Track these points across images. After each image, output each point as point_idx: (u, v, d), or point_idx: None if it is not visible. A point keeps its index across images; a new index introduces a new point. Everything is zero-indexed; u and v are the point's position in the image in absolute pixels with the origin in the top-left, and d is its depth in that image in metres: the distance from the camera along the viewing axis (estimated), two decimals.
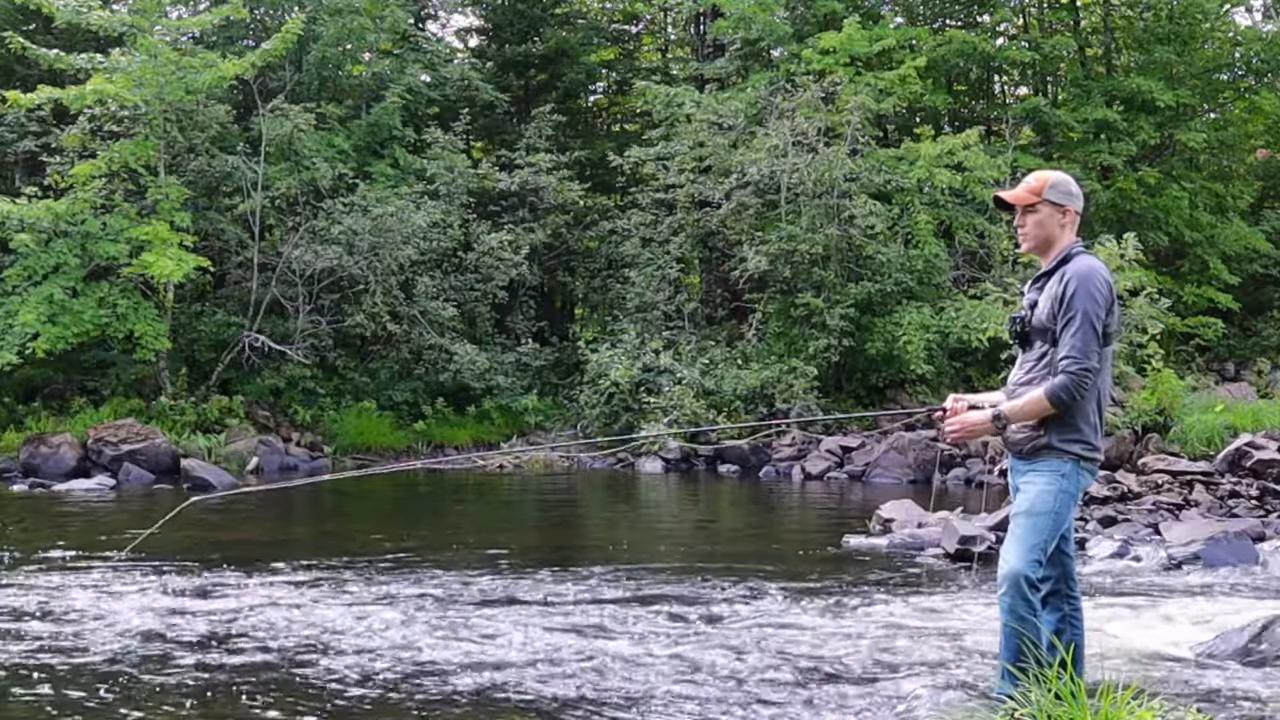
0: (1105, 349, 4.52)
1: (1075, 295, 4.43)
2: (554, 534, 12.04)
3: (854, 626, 6.88)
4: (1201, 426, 14.24)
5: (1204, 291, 22.52)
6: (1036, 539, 4.51)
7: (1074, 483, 4.54)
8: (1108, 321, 4.46)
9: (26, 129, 19.54)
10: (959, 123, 24.43)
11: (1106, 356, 4.57)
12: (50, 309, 17.29)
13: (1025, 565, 4.48)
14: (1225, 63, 25.12)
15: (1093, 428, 4.53)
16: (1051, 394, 4.43)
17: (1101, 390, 4.56)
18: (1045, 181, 4.66)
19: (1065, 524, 4.58)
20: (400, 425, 20.39)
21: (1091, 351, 4.39)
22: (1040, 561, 4.52)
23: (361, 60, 23.77)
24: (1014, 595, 4.47)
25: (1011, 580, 4.47)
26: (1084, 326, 4.39)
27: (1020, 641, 4.44)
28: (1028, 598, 4.47)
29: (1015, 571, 4.47)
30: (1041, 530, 4.52)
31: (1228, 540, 9.35)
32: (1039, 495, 4.55)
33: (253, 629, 6.74)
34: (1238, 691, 5.39)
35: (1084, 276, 4.45)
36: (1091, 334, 4.39)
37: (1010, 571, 4.49)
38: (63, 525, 11.73)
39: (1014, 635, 4.47)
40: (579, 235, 24.16)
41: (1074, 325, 4.41)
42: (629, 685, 5.57)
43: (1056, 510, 4.52)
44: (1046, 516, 4.52)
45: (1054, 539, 4.55)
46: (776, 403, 19.03)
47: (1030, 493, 4.57)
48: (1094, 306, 4.40)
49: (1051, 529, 4.52)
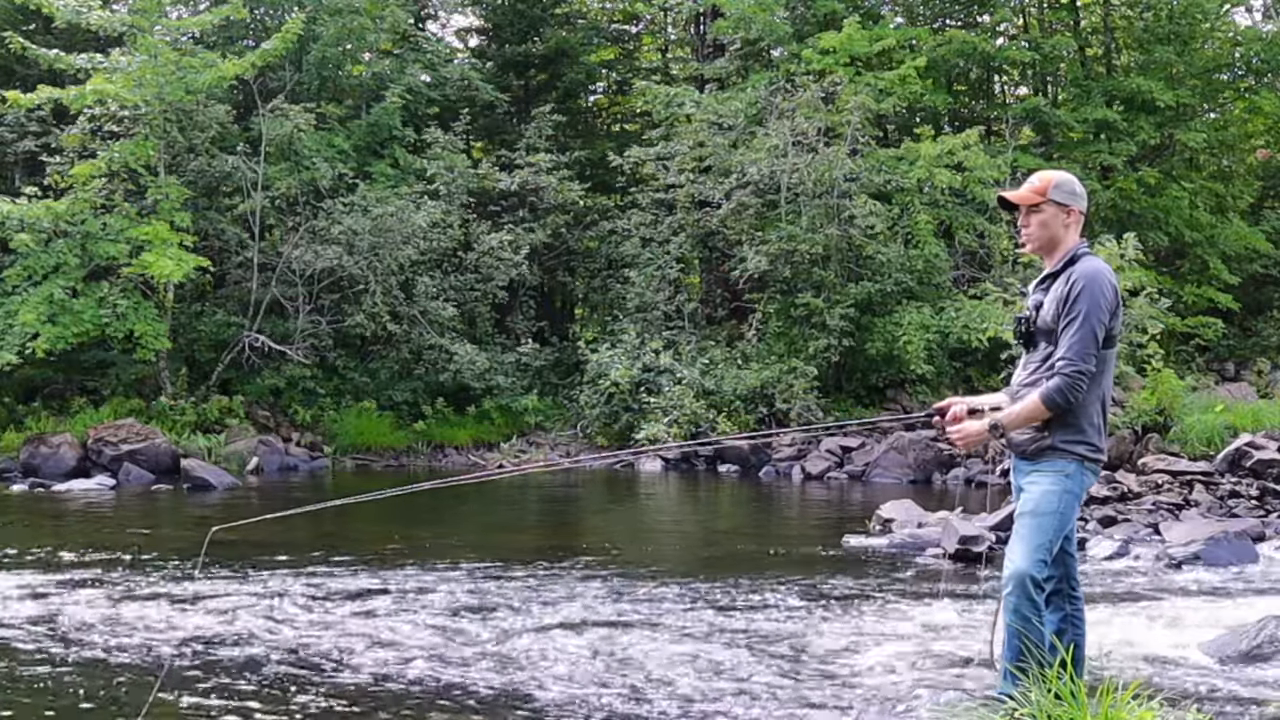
0: (1108, 351, 4.52)
1: (1079, 297, 4.42)
2: (554, 534, 12.03)
3: (854, 626, 6.88)
4: (1201, 426, 14.23)
5: (1204, 291, 22.52)
6: (1042, 539, 4.51)
7: (1078, 483, 4.54)
8: (1111, 325, 4.46)
9: (26, 129, 19.54)
10: (959, 123, 24.42)
11: (1109, 359, 4.57)
12: (50, 309, 17.29)
13: (1030, 565, 4.48)
14: (1225, 63, 25.11)
15: (1095, 428, 4.54)
16: (1046, 398, 4.45)
17: (1105, 391, 4.57)
18: (1050, 181, 4.65)
19: (1070, 524, 4.59)
20: (400, 425, 20.38)
21: (1089, 354, 4.39)
22: (1045, 561, 4.51)
23: (361, 60, 23.76)
24: (1019, 595, 4.46)
25: (1017, 580, 4.47)
26: (1084, 328, 4.39)
27: (1022, 642, 4.44)
28: (1032, 598, 4.47)
29: (1020, 572, 4.47)
30: (1046, 530, 4.52)
31: (1228, 540, 9.35)
32: (1043, 496, 4.55)
33: (269, 630, 6.75)
34: (1238, 691, 5.39)
35: (1090, 278, 4.44)
36: (1091, 337, 4.39)
37: (1015, 571, 4.49)
38: (85, 526, 11.73)
39: (1016, 635, 4.47)
40: (579, 235, 24.15)
41: (1074, 326, 4.41)
42: (626, 683, 5.57)
43: (1061, 510, 4.52)
44: (1051, 517, 4.52)
45: (1059, 539, 4.55)
46: (776, 403, 19.04)
47: (1034, 493, 4.57)
48: (1097, 310, 4.40)
49: (1056, 529, 4.52)
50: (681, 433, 18.80)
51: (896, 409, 20.07)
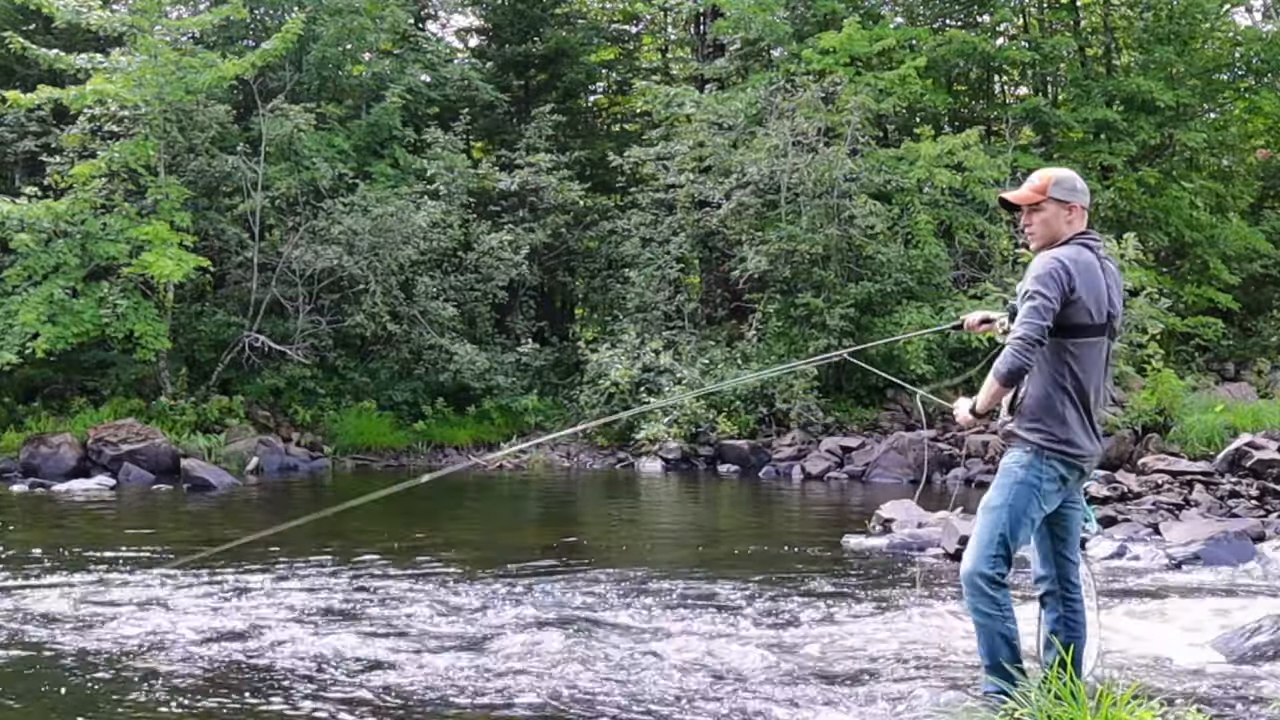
0: (1088, 340, 4.48)
1: (1028, 278, 4.50)
2: (554, 534, 12.02)
3: (853, 626, 6.88)
4: (1201, 426, 14.25)
5: (1204, 291, 22.50)
6: (991, 534, 4.48)
7: (1035, 473, 4.46)
8: (1073, 308, 4.41)
9: (26, 129, 19.54)
10: (959, 123, 24.41)
11: (1096, 350, 4.53)
12: (50, 309, 17.29)
13: (979, 564, 4.47)
14: (1225, 63, 25.09)
15: (1059, 419, 4.46)
16: (995, 370, 4.45)
17: (1083, 384, 4.50)
18: (1049, 179, 4.67)
19: (1028, 516, 4.48)
20: (400, 425, 20.38)
21: (1034, 325, 4.36)
22: (1000, 557, 4.46)
23: (361, 60, 23.76)
24: (972, 594, 4.49)
25: (967, 581, 4.52)
26: (1030, 301, 4.41)
27: (990, 638, 4.45)
28: (988, 594, 4.45)
29: (968, 572, 4.51)
30: (997, 525, 4.47)
31: (1228, 540, 9.35)
32: (995, 488, 4.55)
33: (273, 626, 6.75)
34: (1237, 691, 5.39)
35: (1042, 260, 4.50)
36: (1035, 311, 4.38)
37: (964, 573, 4.54)
38: (85, 526, 11.73)
39: (980, 632, 4.50)
40: (579, 235, 24.15)
41: (1023, 304, 4.46)
42: (627, 684, 5.57)
43: (1012, 503, 4.46)
44: (1001, 510, 4.48)
45: (1017, 531, 4.47)
46: (776, 403, 19.04)
47: (992, 485, 4.58)
48: (1035, 285, 4.42)
49: (1009, 522, 4.46)
50: (681, 433, 18.81)
51: (896, 409, 20.09)
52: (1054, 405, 4.46)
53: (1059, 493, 4.54)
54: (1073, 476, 4.56)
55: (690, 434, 18.89)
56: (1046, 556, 4.70)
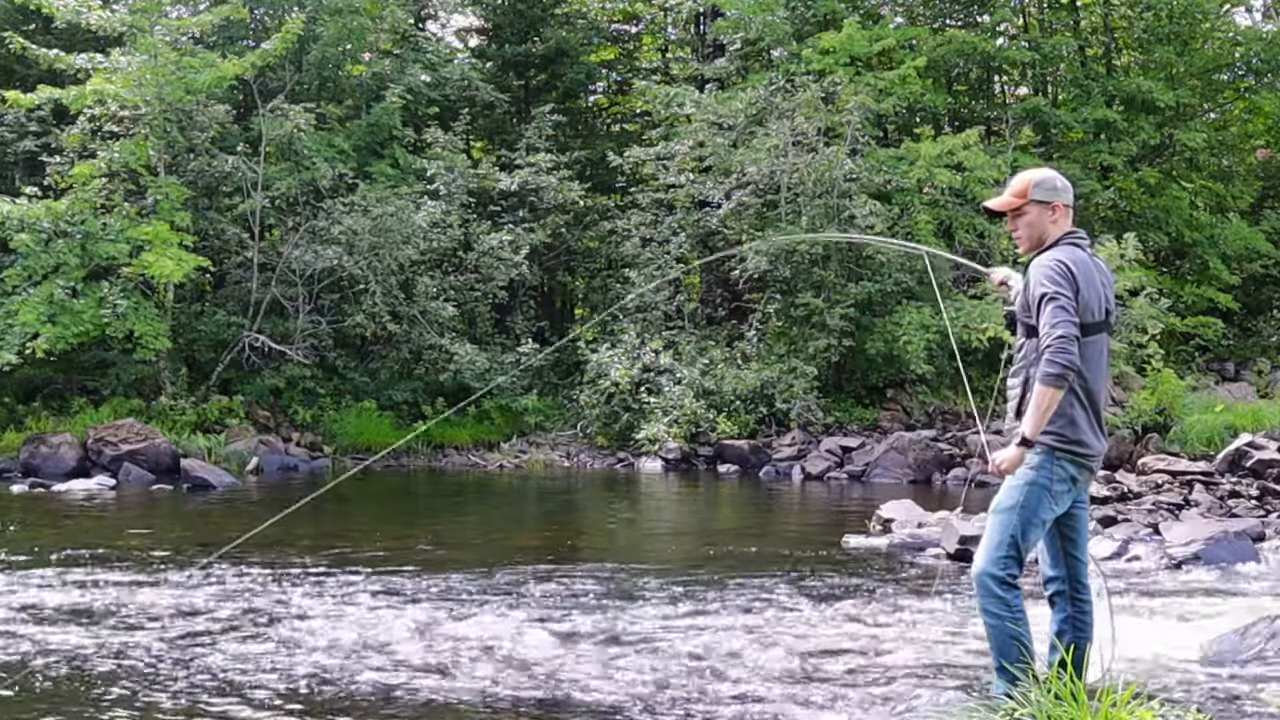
0: (1090, 339, 4.46)
1: (1035, 283, 4.48)
2: (554, 534, 12.03)
3: (853, 627, 6.88)
4: (1201, 426, 14.26)
5: (1204, 291, 22.51)
6: (1001, 536, 4.48)
7: (1046, 474, 4.45)
8: (1081, 302, 4.41)
9: (26, 129, 19.52)
10: (959, 123, 24.41)
11: (1098, 348, 4.53)
12: (50, 309, 17.27)
13: (990, 565, 4.47)
14: (1225, 63, 25.10)
15: (1068, 419, 4.44)
16: (1043, 377, 4.34)
17: (1088, 383, 4.49)
18: (1029, 182, 4.67)
19: (1039, 517, 4.47)
20: (400, 425, 20.34)
21: (1064, 322, 4.32)
22: (1011, 558, 4.45)
23: (361, 60, 23.74)
24: (984, 596, 4.51)
25: (977, 581, 4.54)
26: (1052, 303, 4.36)
27: (1000, 640, 4.45)
28: (998, 595, 4.45)
29: (979, 573, 4.52)
30: (1007, 526, 4.47)
31: (1228, 540, 9.35)
32: (1006, 490, 4.53)
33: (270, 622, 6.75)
34: (1237, 692, 5.39)
35: (1038, 264, 4.50)
36: (1060, 309, 4.34)
37: (976, 573, 4.55)
38: (85, 526, 11.72)
39: (991, 634, 4.50)
40: (579, 235, 24.14)
41: (1045, 307, 4.39)
42: (627, 684, 5.57)
43: (1023, 504, 4.45)
44: (1012, 511, 4.47)
45: (1028, 532, 4.46)
46: (776, 403, 19.04)
47: (1002, 486, 4.56)
48: (1051, 287, 4.38)
49: (1020, 523, 4.45)
50: (681, 433, 18.80)
51: (897, 409, 20.10)
52: (1063, 405, 4.43)
53: (1069, 493, 4.54)
54: (1083, 476, 4.56)
55: (690, 434, 18.89)
56: (1056, 557, 4.69)
